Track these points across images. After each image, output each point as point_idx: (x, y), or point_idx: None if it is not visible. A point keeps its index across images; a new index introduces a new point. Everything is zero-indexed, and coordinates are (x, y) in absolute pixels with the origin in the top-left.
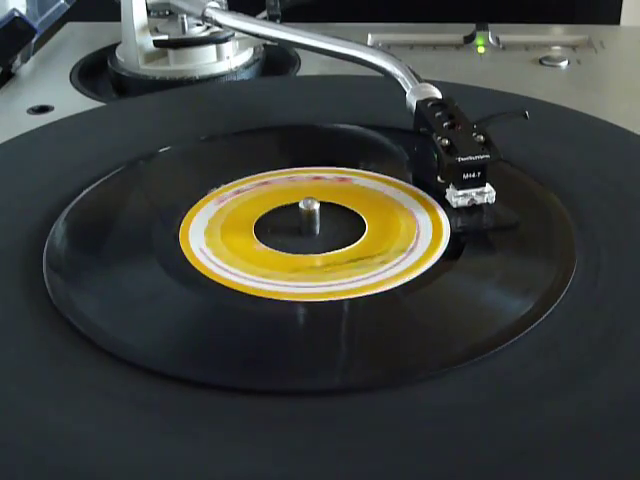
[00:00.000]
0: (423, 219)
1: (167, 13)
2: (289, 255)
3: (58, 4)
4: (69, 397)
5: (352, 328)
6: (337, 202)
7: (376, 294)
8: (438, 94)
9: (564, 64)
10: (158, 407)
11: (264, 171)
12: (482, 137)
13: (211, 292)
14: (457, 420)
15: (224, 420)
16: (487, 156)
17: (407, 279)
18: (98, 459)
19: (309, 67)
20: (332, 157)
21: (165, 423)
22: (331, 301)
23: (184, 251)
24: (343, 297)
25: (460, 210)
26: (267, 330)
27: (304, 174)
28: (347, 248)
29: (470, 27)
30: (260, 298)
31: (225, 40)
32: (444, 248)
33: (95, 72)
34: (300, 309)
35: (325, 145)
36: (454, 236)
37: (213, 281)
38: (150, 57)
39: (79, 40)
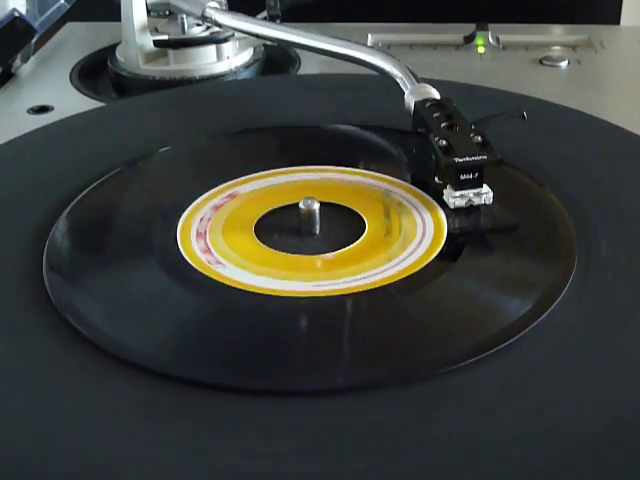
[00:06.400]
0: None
1: (167, 13)
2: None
3: (58, 4)
4: (69, 397)
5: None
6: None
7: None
8: (436, 94)
9: (564, 64)
10: (158, 407)
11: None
12: (480, 138)
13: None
14: (457, 420)
15: (224, 420)
16: (484, 157)
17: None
18: (98, 459)
19: (309, 67)
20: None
21: (165, 423)
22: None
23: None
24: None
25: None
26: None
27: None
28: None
29: (470, 27)
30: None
31: (225, 40)
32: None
33: (95, 72)
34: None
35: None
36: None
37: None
38: (150, 57)
39: (79, 40)
